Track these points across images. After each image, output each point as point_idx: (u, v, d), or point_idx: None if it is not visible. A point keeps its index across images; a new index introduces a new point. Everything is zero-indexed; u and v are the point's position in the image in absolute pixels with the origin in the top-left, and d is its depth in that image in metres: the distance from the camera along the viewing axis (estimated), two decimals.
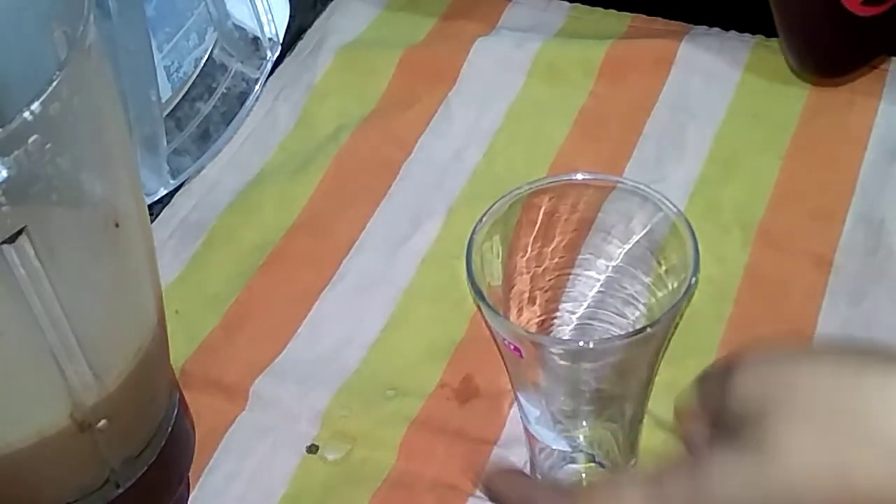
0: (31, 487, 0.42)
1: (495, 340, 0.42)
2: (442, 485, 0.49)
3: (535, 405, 0.44)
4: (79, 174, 0.36)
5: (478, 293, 0.41)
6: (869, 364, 0.35)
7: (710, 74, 0.63)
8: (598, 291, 0.45)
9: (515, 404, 0.47)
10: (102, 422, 0.41)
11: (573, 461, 0.46)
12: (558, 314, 0.46)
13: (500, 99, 0.64)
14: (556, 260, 0.45)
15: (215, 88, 0.64)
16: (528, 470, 0.47)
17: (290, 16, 0.66)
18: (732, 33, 0.65)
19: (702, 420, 0.39)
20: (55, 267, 0.36)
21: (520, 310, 0.45)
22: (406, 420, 0.51)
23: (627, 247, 0.44)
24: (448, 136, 0.62)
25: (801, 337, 0.52)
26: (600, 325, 0.45)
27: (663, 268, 0.43)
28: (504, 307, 0.44)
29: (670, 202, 0.43)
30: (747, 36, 0.65)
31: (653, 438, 0.47)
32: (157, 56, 0.59)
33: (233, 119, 0.63)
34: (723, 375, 0.37)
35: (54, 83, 0.33)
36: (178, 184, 0.61)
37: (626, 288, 0.45)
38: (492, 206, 0.43)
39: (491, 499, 0.41)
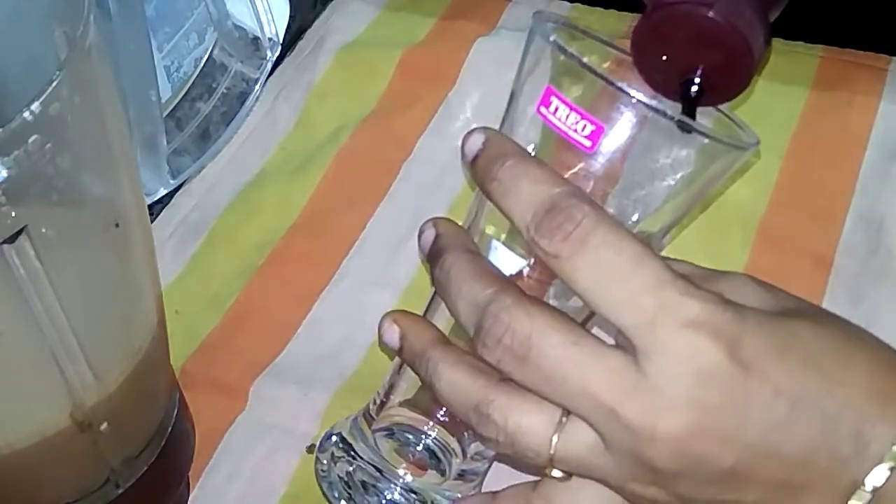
0: (31, 487, 0.42)
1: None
2: None
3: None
4: (79, 174, 0.36)
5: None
6: None
7: None
8: None
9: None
10: (103, 422, 0.41)
11: None
12: None
13: (501, 99, 0.64)
14: None
15: (215, 88, 0.64)
16: None
17: (290, 16, 0.66)
18: None
19: None
20: (55, 267, 0.36)
21: None
22: None
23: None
24: (448, 136, 0.62)
25: None
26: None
27: None
28: None
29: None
30: None
31: None
32: (157, 56, 0.59)
33: (233, 119, 0.63)
34: None
35: (54, 83, 0.33)
36: (178, 184, 0.61)
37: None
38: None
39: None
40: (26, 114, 0.33)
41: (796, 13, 0.67)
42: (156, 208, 0.61)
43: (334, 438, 0.46)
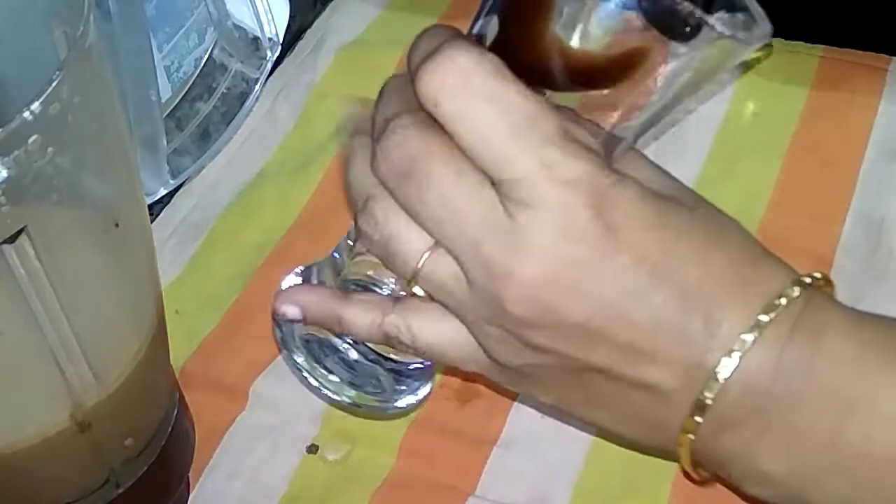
0: (32, 487, 0.42)
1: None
2: (442, 485, 0.49)
3: None
4: (79, 174, 0.36)
5: None
6: None
7: None
8: None
9: None
10: (103, 422, 0.41)
11: None
12: None
13: None
14: None
15: (215, 88, 0.64)
16: None
17: (290, 16, 0.66)
18: None
19: None
20: (55, 267, 0.36)
21: None
22: (406, 420, 0.51)
23: None
24: None
25: None
26: None
27: None
28: None
29: None
30: None
31: None
32: (157, 56, 0.59)
33: (233, 119, 0.63)
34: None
35: (54, 83, 0.33)
36: (178, 184, 0.61)
37: None
38: None
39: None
40: (26, 114, 0.33)
41: (796, 13, 0.67)
42: (156, 208, 0.61)
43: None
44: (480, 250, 0.37)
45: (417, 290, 0.40)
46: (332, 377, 0.43)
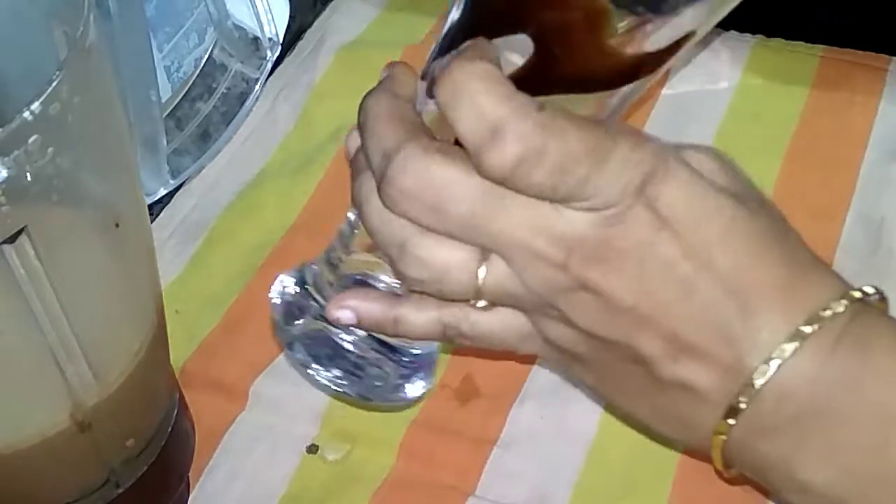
0: (31, 487, 0.42)
1: None
2: (442, 485, 0.49)
3: None
4: (79, 174, 0.36)
5: None
6: None
7: (710, 74, 0.63)
8: None
9: None
10: (103, 422, 0.41)
11: None
12: None
13: None
14: None
15: (215, 88, 0.64)
16: None
17: (290, 16, 0.66)
18: (732, 33, 0.65)
19: None
20: (55, 267, 0.36)
21: None
22: (406, 420, 0.51)
23: None
24: None
25: None
26: None
27: None
28: None
29: None
30: (747, 36, 0.65)
31: None
32: (157, 56, 0.59)
33: (233, 119, 0.63)
34: None
35: (54, 83, 0.33)
36: (178, 184, 0.61)
37: None
38: None
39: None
40: (26, 114, 0.33)
41: (796, 13, 0.67)
42: (156, 208, 0.61)
43: (294, 287, 0.45)
44: (530, 247, 0.37)
45: (480, 303, 0.39)
46: (337, 371, 0.44)
